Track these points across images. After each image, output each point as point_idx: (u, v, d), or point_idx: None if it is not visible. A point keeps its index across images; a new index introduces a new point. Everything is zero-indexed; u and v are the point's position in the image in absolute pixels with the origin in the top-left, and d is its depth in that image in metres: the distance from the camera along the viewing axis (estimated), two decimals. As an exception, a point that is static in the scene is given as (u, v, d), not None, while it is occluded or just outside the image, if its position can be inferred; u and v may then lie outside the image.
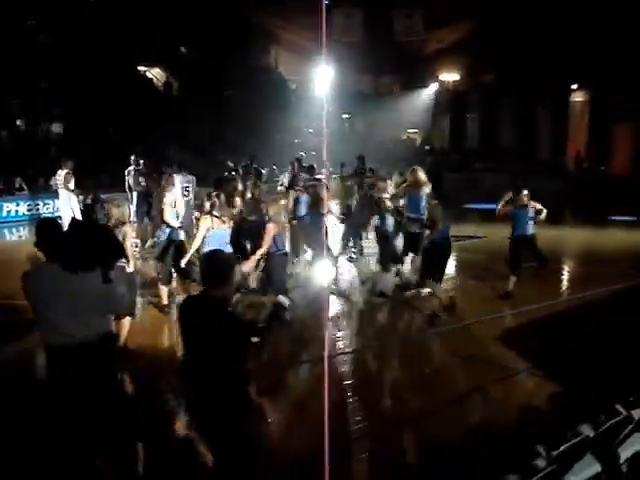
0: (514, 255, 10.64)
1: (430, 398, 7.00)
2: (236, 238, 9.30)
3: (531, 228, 10.57)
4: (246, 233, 9.73)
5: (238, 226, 9.56)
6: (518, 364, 7.92)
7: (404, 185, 11.26)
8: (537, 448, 4.25)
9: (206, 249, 8.24)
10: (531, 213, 10.51)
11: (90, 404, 4.64)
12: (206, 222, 8.53)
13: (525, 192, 10.59)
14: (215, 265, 4.59)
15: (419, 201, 11.02)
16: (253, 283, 10.13)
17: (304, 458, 5.48)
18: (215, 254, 4.94)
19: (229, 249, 8.39)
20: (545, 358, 8.02)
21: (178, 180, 12.99)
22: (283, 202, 9.63)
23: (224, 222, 8.59)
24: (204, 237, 8.49)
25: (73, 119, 26.78)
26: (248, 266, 8.70)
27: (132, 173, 15.07)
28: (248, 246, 9.61)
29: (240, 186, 12.12)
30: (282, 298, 8.97)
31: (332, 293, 10.87)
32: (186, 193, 13.03)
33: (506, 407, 6.71)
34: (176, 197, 12.76)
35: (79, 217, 13.18)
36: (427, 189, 11.00)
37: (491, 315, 9.99)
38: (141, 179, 14.10)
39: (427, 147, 34.44)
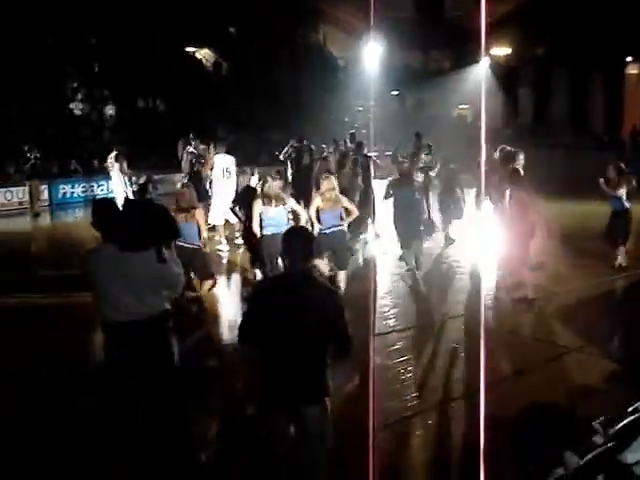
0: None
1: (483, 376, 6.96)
2: None
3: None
4: None
5: None
6: (576, 342, 7.83)
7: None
8: (594, 425, 4.22)
9: (265, 231, 8.30)
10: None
11: (145, 379, 4.75)
12: (257, 204, 8.56)
13: None
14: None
15: None
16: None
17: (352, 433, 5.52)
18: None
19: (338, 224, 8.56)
20: (604, 337, 7.94)
21: (219, 161, 13.04)
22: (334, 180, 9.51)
23: (277, 202, 8.49)
24: (261, 220, 8.47)
25: (125, 102, 27.15)
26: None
27: (185, 155, 15.12)
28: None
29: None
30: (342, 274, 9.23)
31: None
32: (227, 174, 12.94)
33: (563, 385, 6.64)
34: (215, 178, 12.92)
35: (131, 197, 13.40)
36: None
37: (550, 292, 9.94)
38: (194, 160, 14.12)
39: (479, 124, 33.88)
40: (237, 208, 10.35)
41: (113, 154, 15.24)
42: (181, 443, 5.35)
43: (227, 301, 9.93)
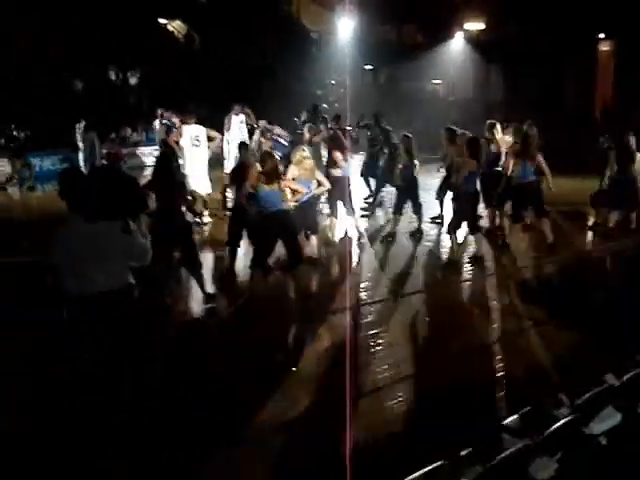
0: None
1: (449, 346, 7.04)
2: None
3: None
4: None
5: None
6: (543, 314, 7.93)
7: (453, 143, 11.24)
8: (560, 396, 4.28)
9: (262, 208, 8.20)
10: None
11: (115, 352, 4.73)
12: (252, 180, 8.34)
13: None
14: None
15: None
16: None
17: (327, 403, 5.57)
18: None
19: (285, 206, 8.25)
20: (574, 308, 8.05)
21: (187, 131, 12.93)
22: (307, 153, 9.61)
23: (273, 183, 8.18)
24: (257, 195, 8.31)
25: (96, 74, 26.74)
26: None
27: (158, 126, 14.97)
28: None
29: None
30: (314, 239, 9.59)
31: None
32: (197, 142, 12.80)
33: (529, 356, 6.72)
34: (185, 148, 12.81)
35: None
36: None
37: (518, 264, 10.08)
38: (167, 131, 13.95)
39: (451, 98, 33.97)
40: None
41: (82, 125, 14.98)
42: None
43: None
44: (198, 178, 12.37)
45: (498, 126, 11.45)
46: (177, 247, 8.15)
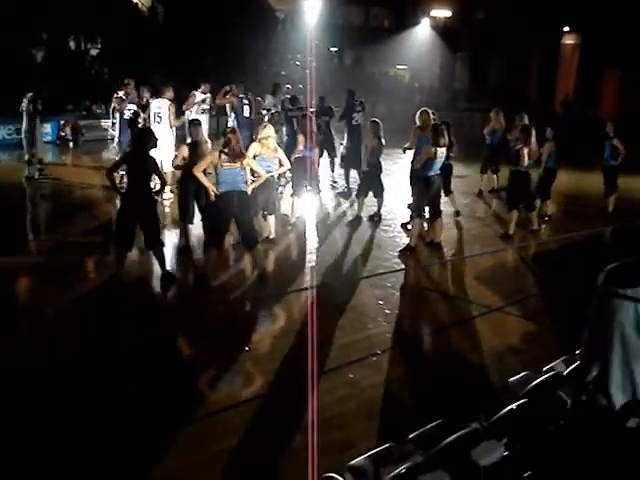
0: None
1: (403, 333, 7.07)
2: None
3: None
4: None
5: None
6: (497, 303, 7.98)
7: (414, 127, 11.04)
8: (508, 383, 4.32)
9: (220, 187, 8.00)
10: None
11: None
12: (212, 157, 8.15)
13: None
14: None
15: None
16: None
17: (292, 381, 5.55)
18: None
19: (244, 187, 8.09)
20: (526, 298, 8.13)
21: (151, 106, 12.71)
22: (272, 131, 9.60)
23: (235, 161, 7.99)
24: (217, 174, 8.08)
25: (57, 45, 26.15)
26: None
27: (115, 99, 14.65)
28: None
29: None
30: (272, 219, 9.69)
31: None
32: (158, 119, 12.53)
33: (478, 345, 6.76)
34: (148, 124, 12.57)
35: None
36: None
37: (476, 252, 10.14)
38: (131, 106, 13.65)
39: (416, 84, 34.06)
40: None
41: (28, 95, 14.66)
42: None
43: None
44: (158, 154, 11.90)
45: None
46: (141, 222, 7.99)
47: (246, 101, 14.30)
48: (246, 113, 14.13)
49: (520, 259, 10.13)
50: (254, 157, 8.96)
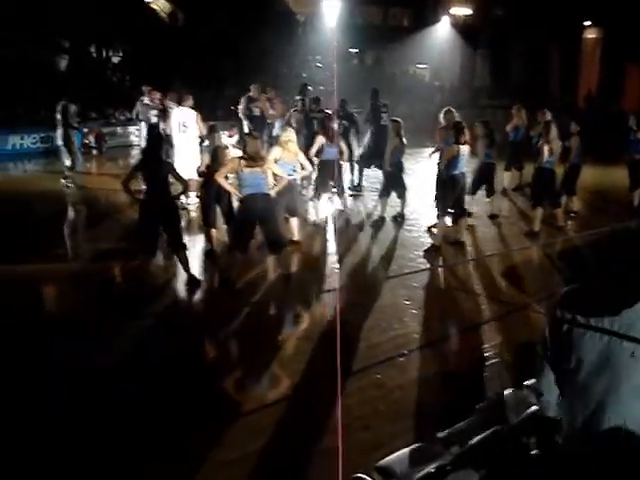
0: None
1: (430, 332, 7.03)
2: None
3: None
4: None
5: None
6: (524, 301, 7.93)
7: (439, 127, 10.98)
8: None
9: (243, 191, 8.05)
10: None
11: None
12: (233, 163, 8.21)
13: None
14: None
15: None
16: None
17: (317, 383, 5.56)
18: None
19: (267, 190, 8.12)
20: (553, 296, 8.04)
21: (175, 115, 12.68)
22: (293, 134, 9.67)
23: (256, 165, 7.99)
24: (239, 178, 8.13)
25: (79, 52, 26.42)
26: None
27: (139, 106, 14.74)
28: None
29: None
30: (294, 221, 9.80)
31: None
32: (184, 128, 12.44)
33: (506, 343, 6.72)
34: (173, 133, 12.58)
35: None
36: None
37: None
38: (152, 112, 13.69)
39: (436, 83, 33.92)
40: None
41: (60, 104, 14.70)
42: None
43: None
44: (184, 163, 11.59)
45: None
46: (163, 227, 8.05)
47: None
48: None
49: (546, 256, 10.06)
50: (276, 161, 8.99)
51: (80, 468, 4.51)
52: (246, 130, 13.90)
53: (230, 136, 13.62)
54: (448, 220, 10.02)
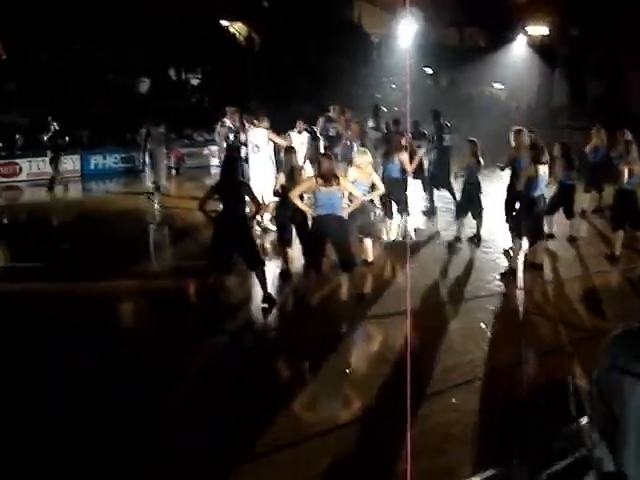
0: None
1: (507, 356, 6.92)
2: None
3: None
4: None
5: None
6: (602, 326, 7.72)
7: (509, 148, 10.83)
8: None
9: (318, 211, 8.15)
10: None
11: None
12: (309, 182, 8.32)
13: None
14: None
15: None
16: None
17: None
18: None
19: (341, 211, 8.19)
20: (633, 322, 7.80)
21: (250, 136, 12.82)
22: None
23: (331, 185, 8.03)
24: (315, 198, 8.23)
25: (159, 75, 27.20)
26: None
27: (220, 127, 14.97)
28: None
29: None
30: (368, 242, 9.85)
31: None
32: (256, 149, 12.46)
33: (584, 370, 6.55)
34: (248, 153, 12.72)
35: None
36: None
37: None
38: (231, 133, 13.89)
39: (513, 103, 33.51)
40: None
41: (146, 127, 15.08)
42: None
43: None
44: (259, 183, 11.65)
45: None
46: (238, 247, 8.21)
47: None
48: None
49: (627, 281, 9.76)
50: (352, 183, 9.05)
51: None
52: (322, 150, 14.02)
53: (299, 132, 13.82)
54: (525, 243, 9.82)
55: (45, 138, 18.05)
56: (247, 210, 8.45)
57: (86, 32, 24.53)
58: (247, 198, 8.23)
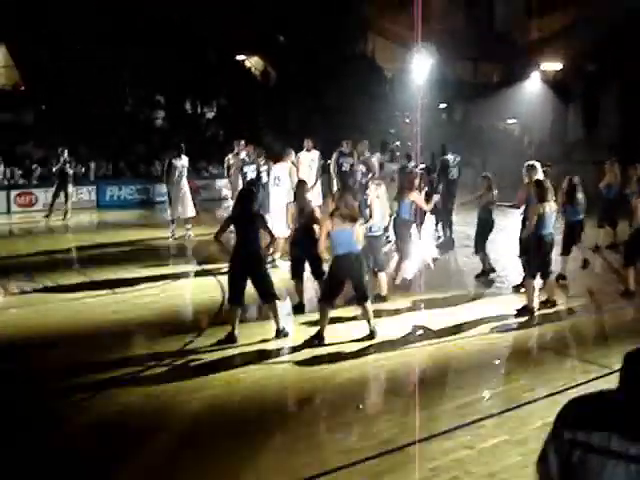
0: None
1: (522, 394, 6.85)
2: None
3: None
4: None
5: None
6: (618, 364, 7.63)
7: (522, 184, 10.77)
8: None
9: (337, 250, 8.15)
10: None
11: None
12: (327, 223, 8.28)
13: None
14: None
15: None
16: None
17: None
18: None
19: (358, 248, 8.18)
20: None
21: (273, 169, 12.86)
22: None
23: (346, 223, 8.04)
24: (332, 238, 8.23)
25: (174, 107, 27.52)
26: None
27: (232, 159, 15.08)
28: None
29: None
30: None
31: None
32: (277, 182, 12.46)
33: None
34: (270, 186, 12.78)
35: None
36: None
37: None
38: (249, 167, 13.96)
39: (526, 138, 33.58)
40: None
41: (163, 159, 15.23)
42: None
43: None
44: (275, 219, 11.63)
45: None
46: (252, 279, 8.23)
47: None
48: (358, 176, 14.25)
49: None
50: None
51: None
52: (335, 186, 14.11)
53: (308, 150, 13.87)
54: (537, 281, 9.70)
55: (54, 168, 18.27)
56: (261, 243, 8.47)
57: (86, 32, 24.96)
58: (262, 230, 8.30)
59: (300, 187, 9.77)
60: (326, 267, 8.58)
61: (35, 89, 24.29)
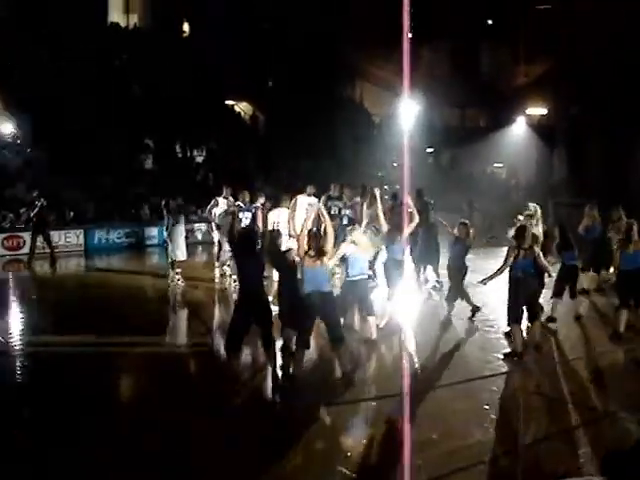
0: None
1: (511, 440, 6.80)
2: None
3: None
4: None
5: None
6: (609, 407, 7.62)
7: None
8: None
9: (305, 287, 8.15)
10: None
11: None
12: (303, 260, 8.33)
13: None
14: None
15: None
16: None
17: None
18: None
19: (327, 287, 8.17)
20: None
21: (271, 215, 12.94)
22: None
23: (316, 260, 8.11)
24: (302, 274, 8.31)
25: (163, 152, 27.66)
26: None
27: (223, 204, 15.03)
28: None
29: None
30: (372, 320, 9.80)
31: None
32: (276, 226, 12.50)
33: (590, 452, 6.43)
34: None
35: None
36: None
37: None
38: (247, 214, 13.94)
39: (513, 181, 33.91)
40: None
41: (163, 202, 15.20)
42: None
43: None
44: None
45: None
46: (257, 322, 8.18)
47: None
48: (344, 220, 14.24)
49: (632, 360, 9.67)
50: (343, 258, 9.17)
51: None
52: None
53: (309, 195, 13.89)
54: (522, 325, 9.66)
55: (31, 214, 18.21)
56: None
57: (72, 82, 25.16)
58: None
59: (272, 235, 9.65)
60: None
61: (23, 134, 24.38)
